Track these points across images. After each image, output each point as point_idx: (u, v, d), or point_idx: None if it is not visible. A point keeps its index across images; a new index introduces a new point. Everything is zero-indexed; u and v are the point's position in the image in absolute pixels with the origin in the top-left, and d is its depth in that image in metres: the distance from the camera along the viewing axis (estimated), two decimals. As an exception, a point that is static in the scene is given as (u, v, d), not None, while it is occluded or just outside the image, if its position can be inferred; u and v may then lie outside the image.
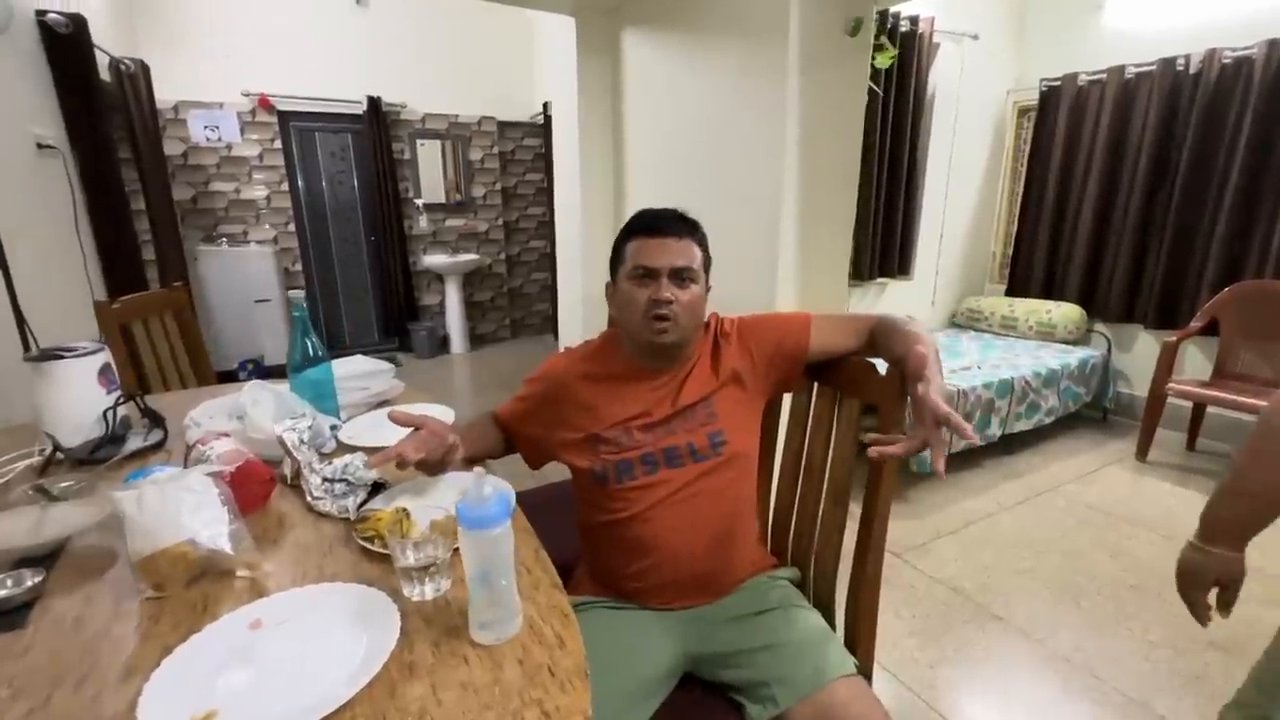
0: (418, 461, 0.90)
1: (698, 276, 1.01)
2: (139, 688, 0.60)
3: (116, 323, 1.70)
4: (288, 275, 4.39)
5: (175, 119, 3.88)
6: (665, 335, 0.98)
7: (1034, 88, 3.55)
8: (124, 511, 0.75)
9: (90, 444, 1.16)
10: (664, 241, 0.99)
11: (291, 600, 0.74)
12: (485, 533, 0.64)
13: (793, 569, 1.12)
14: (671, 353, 1.02)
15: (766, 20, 1.68)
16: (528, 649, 0.66)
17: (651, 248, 0.99)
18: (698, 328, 1.04)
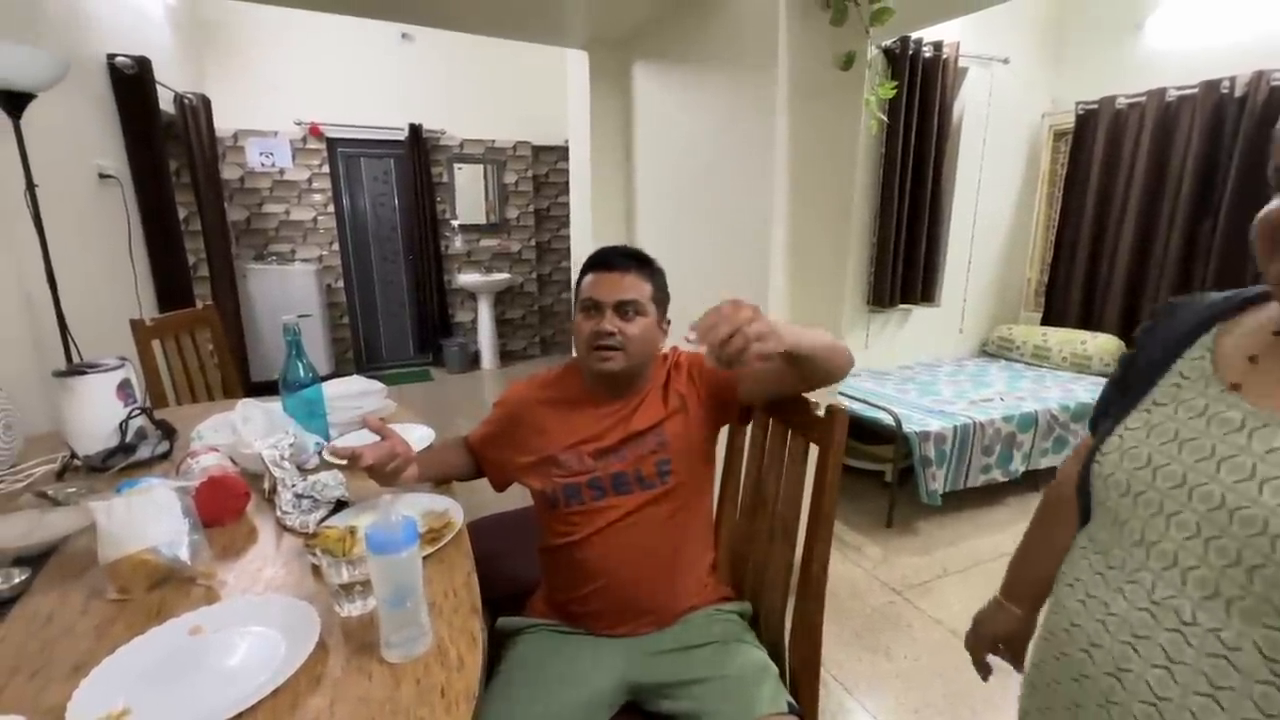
0: (367, 468, 0.96)
1: (645, 309, 1.03)
2: (79, 683, 0.67)
3: (149, 339, 1.86)
4: (330, 292, 4.64)
5: (234, 146, 4.19)
6: (609, 364, 1.01)
7: (1070, 111, 3.44)
8: (96, 519, 0.83)
9: (104, 452, 1.28)
10: (611, 276, 1.03)
11: (234, 609, 0.80)
12: (392, 556, 0.69)
13: (743, 603, 1.12)
14: (619, 381, 1.05)
15: (757, 54, 1.71)
16: (429, 669, 0.70)
17: (599, 282, 1.03)
18: (648, 359, 1.07)
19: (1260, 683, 0.45)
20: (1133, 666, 0.52)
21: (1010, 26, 3.32)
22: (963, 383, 3.17)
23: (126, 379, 1.38)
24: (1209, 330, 0.59)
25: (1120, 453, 0.57)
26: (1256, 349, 0.54)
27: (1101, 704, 0.54)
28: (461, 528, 0.99)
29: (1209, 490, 0.50)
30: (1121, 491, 0.56)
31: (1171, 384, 0.58)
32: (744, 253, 1.85)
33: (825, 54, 1.69)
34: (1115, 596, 0.55)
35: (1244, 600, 0.47)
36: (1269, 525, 0.45)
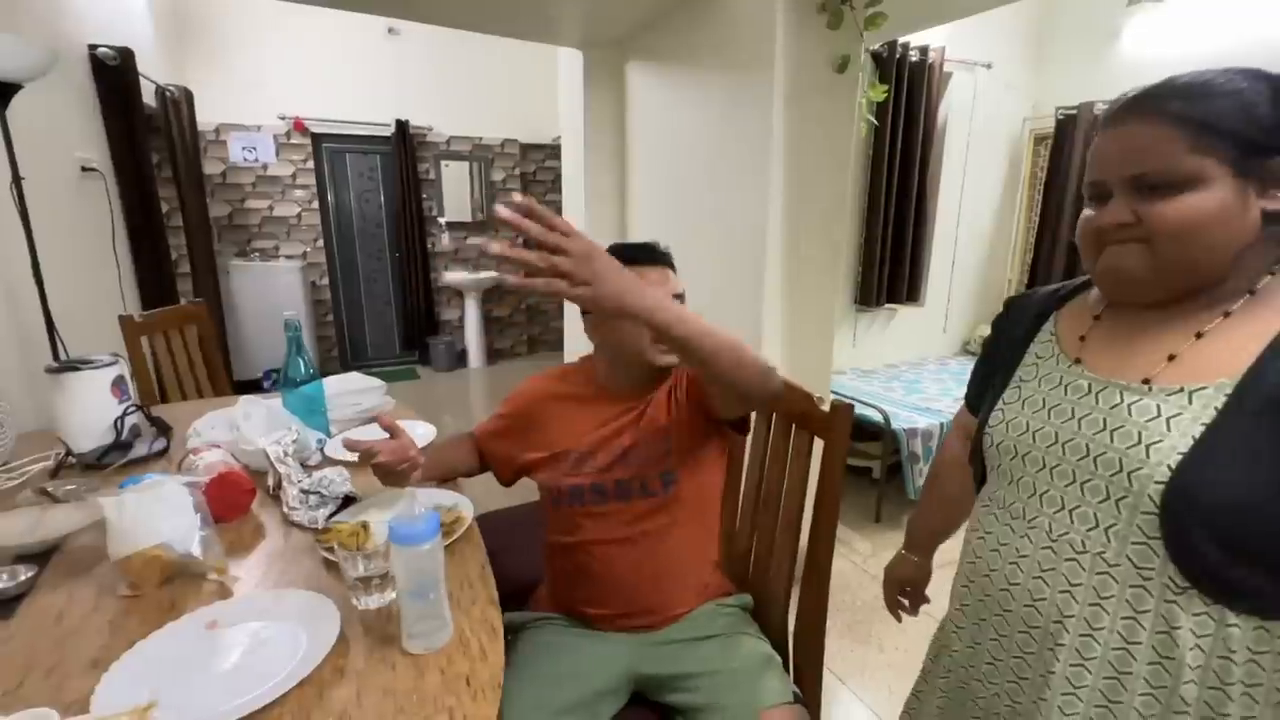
0: (375, 465, 0.96)
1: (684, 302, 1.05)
2: (99, 678, 0.67)
3: (139, 335, 1.83)
4: (314, 289, 4.58)
5: (216, 140, 4.12)
6: (672, 356, 1.01)
7: (1050, 116, 3.52)
8: (106, 515, 0.83)
9: (99, 450, 1.26)
10: (663, 271, 1.03)
11: (247, 604, 0.80)
12: (415, 549, 0.70)
13: (744, 596, 1.14)
14: (662, 376, 1.05)
15: (754, 56, 1.73)
16: (452, 659, 0.71)
17: (654, 278, 1.02)
18: None
19: (1132, 586, 0.58)
20: (1045, 594, 0.63)
21: (993, 32, 3.39)
22: (947, 381, 3.23)
23: (121, 375, 1.36)
24: (1048, 318, 0.73)
25: (1005, 424, 0.70)
26: (1083, 330, 0.68)
27: (1024, 630, 0.66)
28: (472, 522, 1.00)
29: (1076, 444, 0.62)
30: (1011, 455, 0.69)
31: (1030, 364, 0.72)
32: (739, 251, 1.87)
33: (821, 57, 1.72)
34: (1023, 541, 0.66)
35: (1116, 526, 0.58)
36: (1123, 464, 0.58)
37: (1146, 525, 0.56)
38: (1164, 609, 0.56)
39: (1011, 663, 0.68)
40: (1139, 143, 0.57)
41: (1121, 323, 0.66)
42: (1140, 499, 0.56)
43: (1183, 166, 0.55)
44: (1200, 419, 0.55)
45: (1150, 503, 0.55)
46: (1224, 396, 0.55)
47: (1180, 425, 0.56)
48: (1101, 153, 0.61)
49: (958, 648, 0.76)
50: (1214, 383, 0.56)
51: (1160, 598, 0.56)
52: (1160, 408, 0.58)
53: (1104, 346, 0.66)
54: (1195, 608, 0.55)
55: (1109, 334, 0.66)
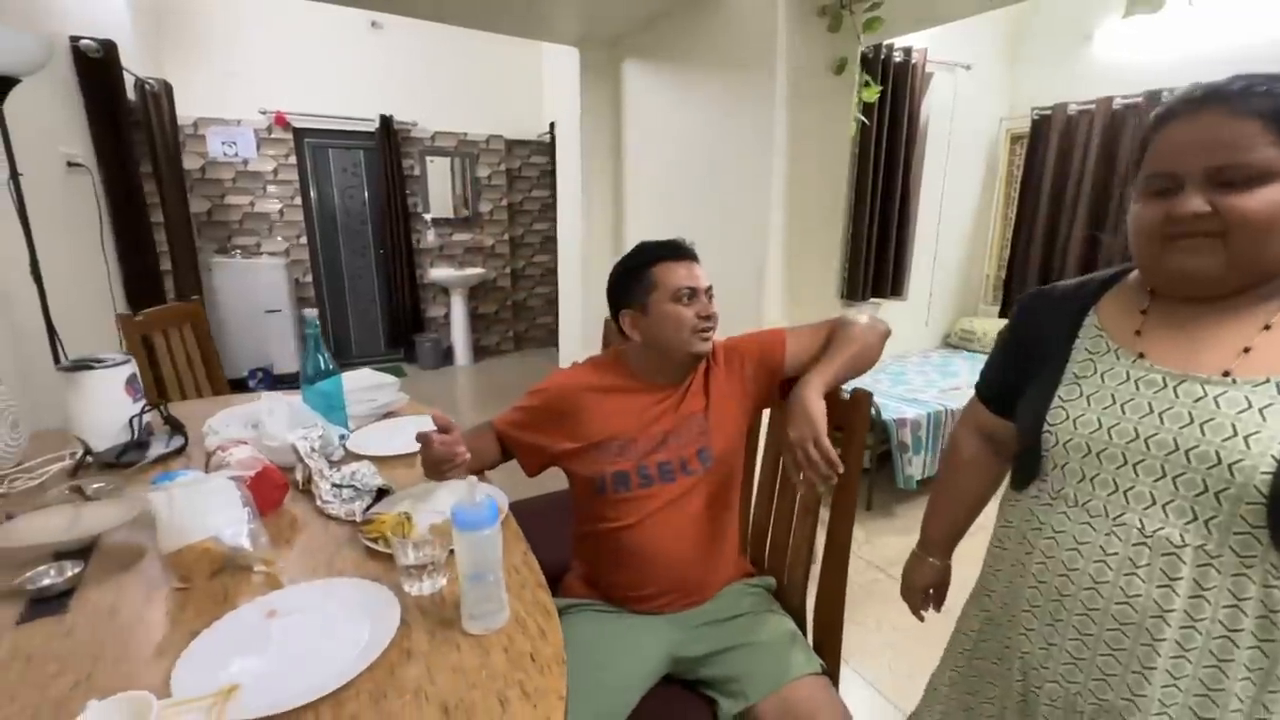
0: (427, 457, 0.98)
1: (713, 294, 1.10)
2: (169, 666, 0.68)
3: (138, 334, 1.81)
4: (298, 286, 4.51)
5: (195, 134, 4.03)
6: (708, 343, 1.08)
7: (1026, 116, 3.65)
8: (156, 510, 0.84)
9: (117, 448, 1.26)
10: (692, 265, 1.09)
11: (303, 592, 0.82)
12: (477, 533, 0.73)
13: (767, 577, 1.19)
14: (696, 363, 1.11)
15: (755, 58, 1.78)
16: (513, 639, 0.74)
17: (686, 271, 1.07)
18: None
19: (1234, 575, 0.59)
20: (1141, 590, 0.63)
21: (972, 34, 3.49)
22: (930, 373, 3.34)
23: (134, 374, 1.36)
24: (1087, 313, 0.74)
25: (1071, 421, 0.69)
26: (1134, 324, 0.69)
27: (1114, 627, 0.65)
28: (508, 512, 1.03)
29: (1161, 439, 0.62)
30: (1083, 453, 0.68)
31: (1083, 359, 0.71)
32: (741, 247, 1.92)
33: (820, 59, 1.77)
34: (1108, 539, 0.65)
35: (1217, 518, 0.59)
36: (1220, 457, 0.58)
37: (1251, 515, 0.57)
38: (1264, 594, 0.57)
39: (1099, 660, 0.67)
40: (1221, 135, 0.57)
41: (1176, 315, 0.66)
42: (1245, 490, 0.56)
43: (1265, 160, 0.56)
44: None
45: (1257, 493, 0.56)
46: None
47: (1275, 415, 0.57)
48: (1174, 144, 0.60)
49: (1028, 649, 0.75)
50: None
51: (1262, 584, 0.57)
52: (1250, 399, 0.58)
53: (1166, 340, 0.66)
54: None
55: (1166, 327, 0.67)
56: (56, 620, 0.78)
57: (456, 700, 0.65)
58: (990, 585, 0.82)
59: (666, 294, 1.06)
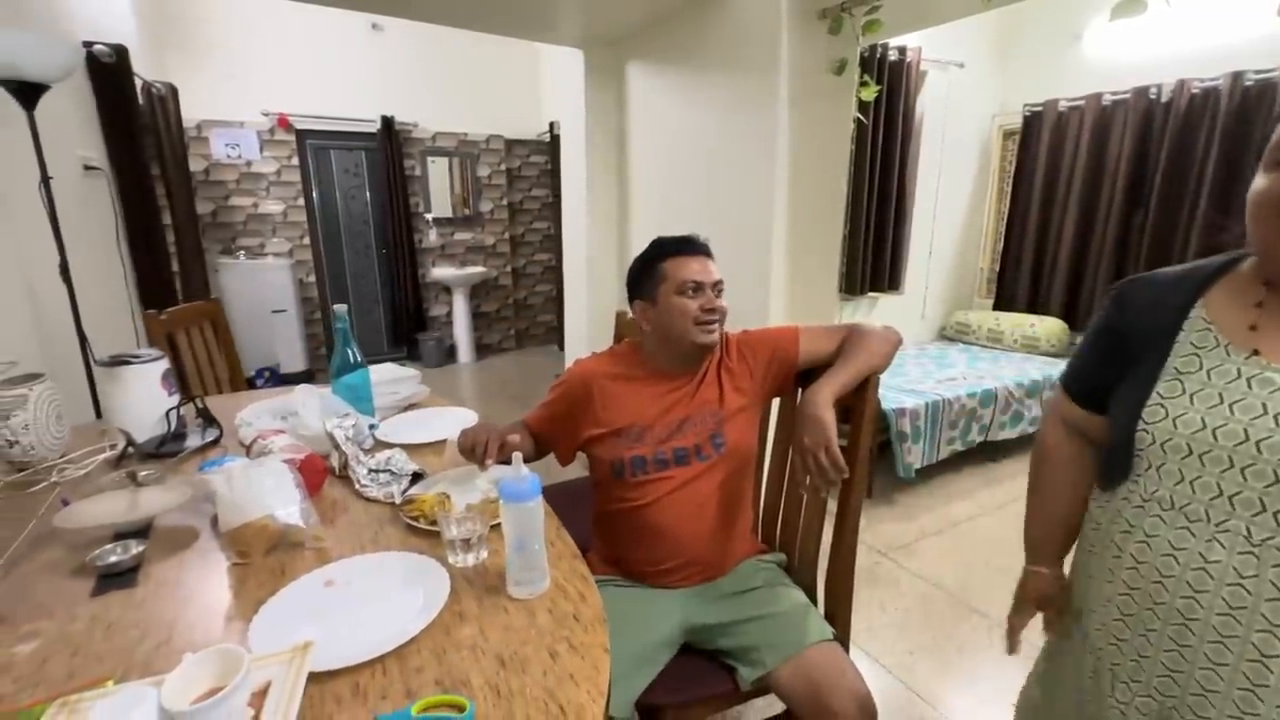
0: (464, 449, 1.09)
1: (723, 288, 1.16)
2: (243, 629, 0.74)
3: (163, 332, 1.86)
4: (302, 286, 4.56)
5: (198, 137, 4.06)
6: (714, 335, 1.14)
7: (1018, 112, 3.73)
8: (216, 490, 0.90)
9: (156, 440, 1.31)
10: (704, 260, 1.15)
11: (357, 565, 0.88)
12: (522, 505, 0.79)
13: (779, 554, 1.26)
14: (705, 354, 1.17)
15: (759, 59, 1.84)
16: (555, 602, 0.81)
17: (695, 266, 1.13)
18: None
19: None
20: (1247, 603, 0.59)
21: (965, 33, 3.56)
22: (927, 364, 3.41)
23: (168, 369, 1.41)
24: (1194, 305, 0.68)
25: (1170, 420, 0.64)
26: (1249, 318, 0.63)
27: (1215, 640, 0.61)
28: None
29: (1275, 442, 0.58)
30: (1183, 454, 0.63)
31: (1188, 354, 0.66)
32: (745, 244, 1.98)
33: (821, 60, 1.84)
34: (1209, 546, 0.61)
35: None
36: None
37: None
38: None
39: (1199, 675, 0.63)
40: None
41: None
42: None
43: None
44: None
45: None
46: None
47: None
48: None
49: (1118, 660, 0.71)
50: None
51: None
52: None
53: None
54: None
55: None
56: (127, 593, 0.84)
57: (511, 653, 0.71)
58: (1076, 589, 0.79)
59: (674, 287, 1.13)
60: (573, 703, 0.64)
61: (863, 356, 1.13)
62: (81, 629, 0.76)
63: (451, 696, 0.64)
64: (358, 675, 0.68)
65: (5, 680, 0.68)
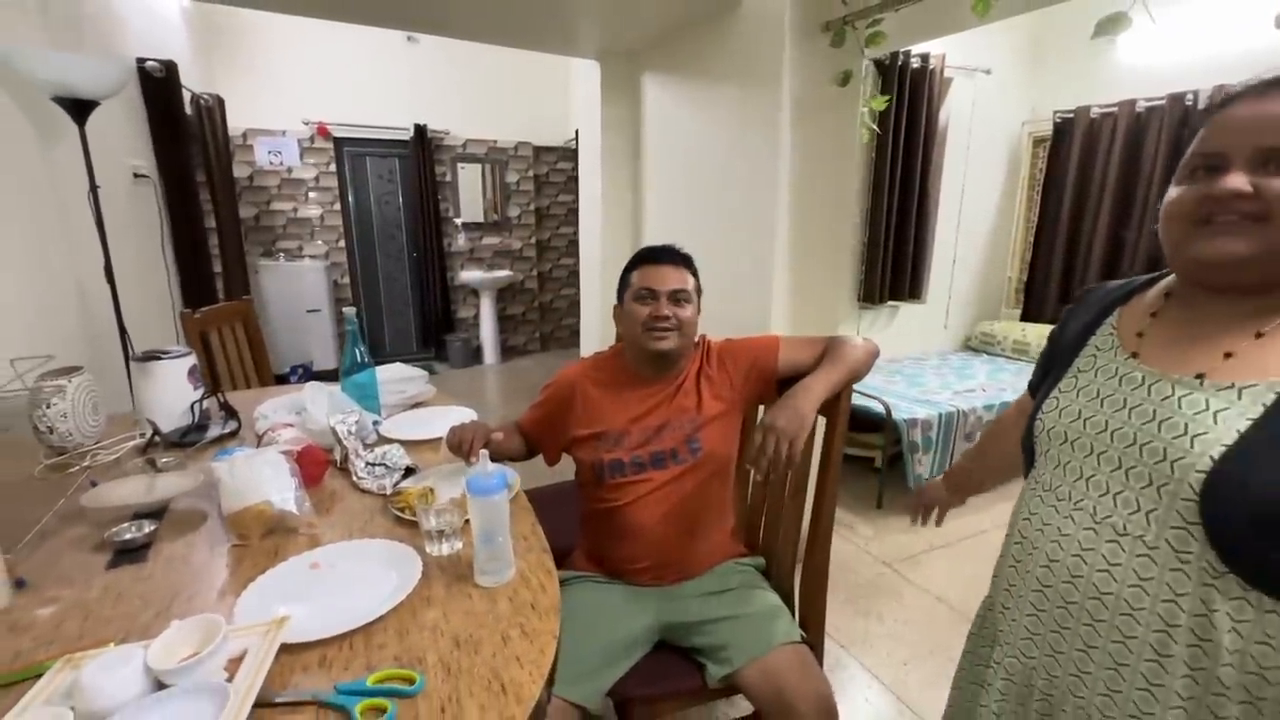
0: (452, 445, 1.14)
1: (690, 298, 1.20)
2: (233, 602, 0.82)
3: (197, 330, 1.99)
4: (336, 288, 4.75)
5: (243, 145, 4.29)
6: (665, 342, 1.16)
7: (1048, 119, 3.64)
8: (219, 477, 0.98)
9: (181, 430, 1.42)
10: (663, 269, 1.19)
11: (341, 549, 0.95)
12: (487, 499, 0.85)
13: (758, 558, 1.29)
14: (668, 360, 1.21)
15: (763, 71, 1.88)
16: (517, 591, 0.86)
17: (653, 273, 1.19)
18: (691, 342, 1.23)
19: (1172, 570, 0.60)
20: (1083, 572, 0.66)
21: (992, 39, 3.51)
22: (947, 375, 3.36)
23: (194, 365, 1.52)
24: (1111, 313, 0.75)
25: (1058, 410, 0.73)
26: (1141, 327, 0.71)
27: (1061, 605, 0.68)
28: (519, 488, 1.15)
29: (1124, 432, 0.65)
30: (1061, 440, 0.71)
31: (1089, 355, 0.74)
32: (750, 254, 2.01)
33: (825, 72, 1.86)
34: (1066, 522, 0.69)
35: (1157, 511, 0.61)
36: (1167, 453, 0.60)
37: (1186, 511, 0.58)
38: (1202, 592, 0.58)
39: (1050, 637, 0.70)
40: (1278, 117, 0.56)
41: (1180, 320, 0.67)
42: (1181, 486, 0.58)
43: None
44: (1247, 414, 0.56)
45: (1190, 490, 0.58)
46: (1273, 394, 0.56)
47: (1227, 419, 0.57)
48: (1229, 123, 0.59)
49: (1004, 627, 0.78)
50: (1265, 380, 0.57)
51: (1198, 581, 0.58)
52: (1209, 402, 0.59)
53: (1161, 342, 0.68)
54: (1233, 592, 0.56)
55: (1167, 330, 0.68)
56: (138, 567, 0.93)
57: (467, 635, 0.76)
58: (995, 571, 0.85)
59: (633, 293, 1.19)
60: (514, 681, 0.69)
61: (848, 363, 1.15)
62: (95, 597, 0.85)
63: (405, 671, 0.70)
64: (326, 649, 0.75)
65: (26, 638, 0.77)
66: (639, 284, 1.18)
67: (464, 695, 0.67)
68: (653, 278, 1.17)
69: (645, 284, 1.17)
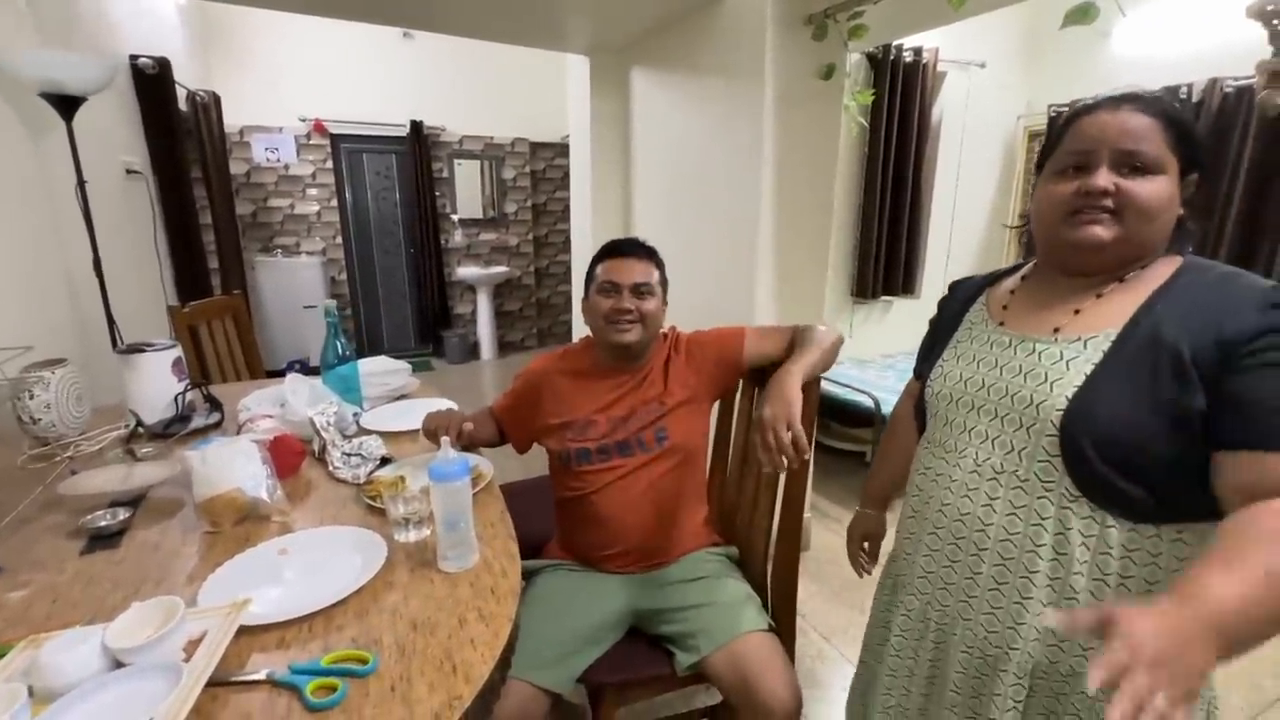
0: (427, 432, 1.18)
1: (655, 290, 1.21)
2: (198, 588, 0.83)
3: (185, 324, 2.01)
4: (333, 284, 4.78)
5: (240, 141, 4.31)
6: (627, 334, 1.18)
7: (1043, 113, 3.63)
8: (191, 464, 1.00)
9: (164, 421, 1.44)
10: (627, 262, 1.20)
11: (310, 537, 0.97)
12: (449, 485, 0.86)
13: (731, 547, 1.30)
14: (631, 352, 1.22)
15: (746, 64, 1.88)
16: (479, 576, 0.87)
17: (617, 267, 1.20)
18: (656, 334, 1.24)
19: (1038, 497, 0.71)
20: (969, 509, 0.76)
21: (986, 33, 3.49)
22: (940, 370, 3.36)
23: (179, 357, 1.54)
24: (980, 295, 0.88)
25: (943, 376, 0.83)
26: (1005, 301, 0.84)
27: (952, 542, 0.79)
28: (492, 477, 1.16)
29: (998, 386, 0.76)
30: (946, 401, 0.82)
31: (965, 328, 0.86)
32: (733, 245, 2.02)
33: (808, 66, 1.86)
34: (954, 470, 0.79)
35: (1026, 448, 0.72)
36: (1033, 398, 0.72)
37: (1049, 446, 0.69)
38: (1060, 514, 0.69)
39: (942, 571, 0.80)
40: (1135, 127, 0.67)
41: (1036, 293, 0.80)
42: (1044, 424, 0.70)
43: (1160, 156, 0.67)
44: (1091, 360, 0.69)
45: (1051, 426, 0.69)
46: (1110, 342, 0.69)
47: (1076, 365, 0.70)
48: (1096, 127, 0.70)
49: (905, 572, 0.87)
50: (1102, 332, 0.70)
51: (1058, 505, 0.69)
52: (1063, 353, 0.71)
53: (1022, 311, 0.80)
54: (1083, 512, 0.68)
55: (1026, 301, 0.81)
56: (110, 553, 0.94)
57: (424, 619, 0.78)
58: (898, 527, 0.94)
59: (596, 286, 1.20)
60: (465, 662, 0.70)
61: (821, 346, 1.15)
62: (66, 580, 0.87)
63: (359, 651, 0.71)
64: (285, 631, 0.76)
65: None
66: (602, 277, 1.19)
67: (415, 675, 0.68)
68: (615, 271, 1.18)
69: (608, 277, 1.19)
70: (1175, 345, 0.64)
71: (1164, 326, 0.66)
